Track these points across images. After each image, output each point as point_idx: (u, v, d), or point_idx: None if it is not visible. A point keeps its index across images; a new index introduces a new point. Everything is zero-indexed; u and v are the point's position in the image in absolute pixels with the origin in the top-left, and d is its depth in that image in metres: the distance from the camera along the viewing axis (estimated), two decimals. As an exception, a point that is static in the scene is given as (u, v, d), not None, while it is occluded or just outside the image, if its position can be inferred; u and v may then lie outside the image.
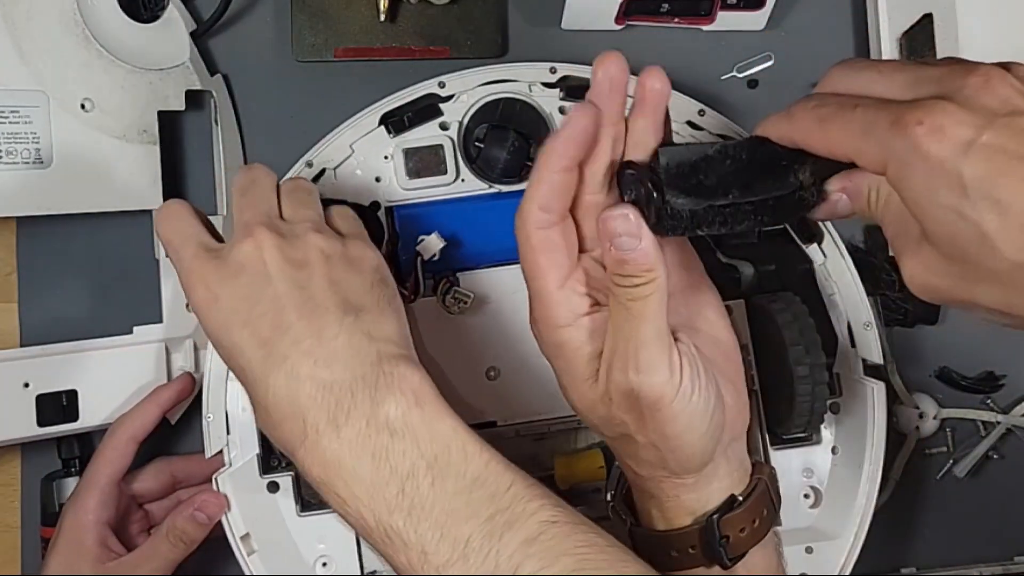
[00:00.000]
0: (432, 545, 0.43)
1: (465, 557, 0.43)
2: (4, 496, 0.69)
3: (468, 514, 0.44)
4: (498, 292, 0.64)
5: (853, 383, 0.66)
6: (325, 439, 0.45)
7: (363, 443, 0.45)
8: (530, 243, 0.47)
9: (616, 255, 0.45)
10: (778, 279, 0.67)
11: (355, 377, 0.46)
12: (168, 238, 0.51)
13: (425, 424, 0.45)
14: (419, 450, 0.45)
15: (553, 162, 0.46)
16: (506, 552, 0.43)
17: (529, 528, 0.43)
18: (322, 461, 0.45)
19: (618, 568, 0.43)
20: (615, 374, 0.47)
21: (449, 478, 0.44)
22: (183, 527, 0.61)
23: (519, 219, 0.47)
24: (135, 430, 0.63)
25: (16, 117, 0.62)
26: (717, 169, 0.45)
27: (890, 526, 0.75)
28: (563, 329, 0.48)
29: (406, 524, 0.44)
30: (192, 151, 0.70)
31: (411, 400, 0.46)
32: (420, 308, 0.63)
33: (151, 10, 0.67)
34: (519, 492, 0.44)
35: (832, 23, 0.76)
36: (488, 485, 0.44)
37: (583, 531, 0.44)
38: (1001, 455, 0.77)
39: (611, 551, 0.44)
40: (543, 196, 0.46)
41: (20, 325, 0.69)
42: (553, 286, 0.47)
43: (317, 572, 0.63)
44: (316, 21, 0.70)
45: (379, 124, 0.64)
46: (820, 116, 0.43)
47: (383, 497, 0.44)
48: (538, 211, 0.46)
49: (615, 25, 0.71)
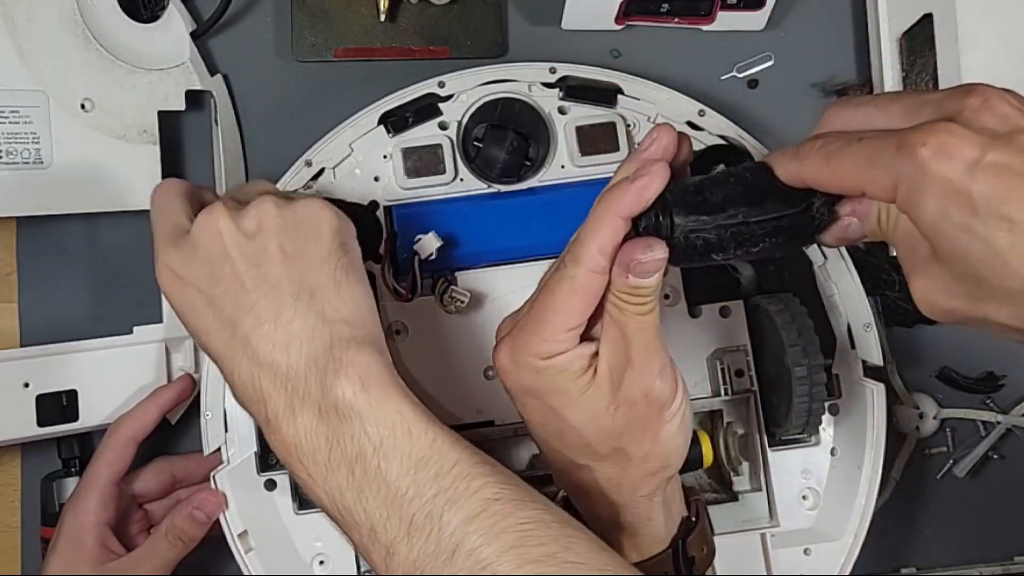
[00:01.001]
0: (380, 524, 0.45)
1: (409, 535, 0.44)
2: (4, 496, 0.69)
3: (413, 494, 0.44)
4: (496, 292, 0.64)
5: (853, 384, 0.66)
6: (284, 424, 0.47)
7: (316, 428, 0.46)
8: (576, 283, 0.47)
9: (634, 282, 0.46)
10: (778, 280, 0.67)
11: (308, 363, 0.47)
12: (151, 218, 0.52)
13: (371, 408, 0.46)
14: (366, 434, 0.46)
15: (622, 209, 0.46)
16: (448, 530, 0.43)
17: (471, 505, 0.44)
18: (282, 444, 0.47)
19: (562, 543, 0.43)
20: (630, 382, 0.48)
21: (395, 460, 0.45)
22: (182, 526, 0.61)
23: (573, 258, 0.47)
24: (135, 430, 0.63)
25: (16, 117, 0.62)
26: (723, 188, 0.46)
27: (890, 526, 0.75)
28: (559, 356, 0.48)
29: (356, 504, 0.45)
30: (192, 151, 0.70)
31: (357, 385, 0.46)
32: (418, 307, 0.63)
33: (151, 10, 0.67)
34: (463, 470, 0.45)
35: (832, 23, 0.76)
36: (432, 464, 0.45)
37: (529, 507, 0.44)
38: (1001, 455, 0.77)
39: (556, 527, 0.44)
40: (605, 241, 0.47)
41: (20, 325, 0.69)
42: (569, 326, 0.48)
43: (314, 570, 0.63)
44: (316, 21, 0.70)
45: (378, 123, 0.64)
46: (827, 154, 0.44)
47: (335, 479, 0.46)
48: (597, 254, 0.47)
49: (615, 25, 0.71)
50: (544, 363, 0.48)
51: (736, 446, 0.67)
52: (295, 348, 0.47)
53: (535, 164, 0.65)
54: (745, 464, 0.68)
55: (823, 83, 0.75)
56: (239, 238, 0.49)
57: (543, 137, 0.65)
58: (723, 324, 0.66)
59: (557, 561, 0.43)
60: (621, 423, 0.49)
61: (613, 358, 0.48)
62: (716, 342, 0.66)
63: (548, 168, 0.65)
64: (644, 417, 0.49)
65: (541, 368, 0.48)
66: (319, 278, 0.49)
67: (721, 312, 0.66)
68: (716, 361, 0.66)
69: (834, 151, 0.44)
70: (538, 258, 0.64)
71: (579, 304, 0.47)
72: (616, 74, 0.66)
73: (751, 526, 0.66)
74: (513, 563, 0.42)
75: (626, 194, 0.46)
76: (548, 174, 0.65)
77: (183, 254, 0.49)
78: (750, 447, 0.67)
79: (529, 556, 0.42)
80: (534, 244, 0.64)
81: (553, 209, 0.64)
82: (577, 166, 0.65)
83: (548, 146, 0.65)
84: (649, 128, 0.65)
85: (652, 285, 0.47)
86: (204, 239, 0.49)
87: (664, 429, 0.50)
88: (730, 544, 0.65)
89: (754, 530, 0.66)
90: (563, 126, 0.65)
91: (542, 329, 0.48)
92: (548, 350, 0.48)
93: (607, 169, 0.65)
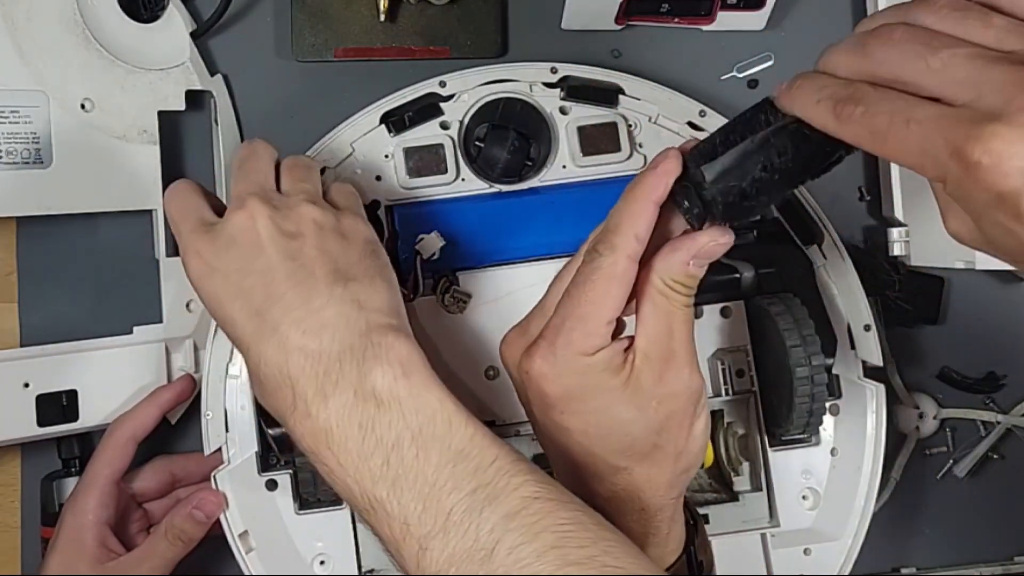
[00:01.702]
0: (414, 517, 0.44)
1: (446, 530, 0.43)
2: (4, 496, 0.69)
3: (451, 487, 0.44)
4: (497, 292, 0.64)
5: (853, 385, 0.66)
6: (314, 409, 0.46)
7: (350, 414, 0.45)
8: (614, 270, 0.47)
9: (694, 271, 0.47)
10: (778, 281, 0.67)
11: (343, 347, 0.46)
12: (171, 215, 0.52)
13: (411, 395, 0.46)
14: (404, 421, 0.45)
15: (651, 192, 0.46)
16: (487, 526, 0.43)
17: (511, 503, 0.43)
18: (311, 431, 0.46)
19: (601, 546, 0.43)
20: (674, 375, 0.48)
21: (433, 450, 0.44)
22: (181, 525, 0.61)
23: (609, 246, 0.47)
24: (134, 430, 0.63)
25: (16, 117, 0.62)
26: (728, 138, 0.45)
27: (890, 526, 0.75)
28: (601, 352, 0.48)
29: (390, 495, 0.44)
30: (192, 151, 0.70)
31: (398, 371, 0.46)
32: (419, 307, 0.63)
33: (151, 10, 0.67)
34: (503, 466, 0.44)
35: (832, 23, 0.76)
36: (472, 458, 0.44)
37: (569, 508, 0.44)
38: (1001, 455, 0.77)
39: (595, 529, 0.44)
40: (641, 226, 0.47)
41: (20, 325, 0.69)
42: (609, 317, 0.47)
43: (315, 570, 0.63)
44: (316, 21, 0.70)
45: (380, 123, 0.64)
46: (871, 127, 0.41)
47: (368, 468, 0.45)
48: (634, 240, 0.46)
49: (615, 25, 0.71)
50: (588, 360, 0.47)
51: (736, 446, 0.67)
52: (328, 333, 0.47)
53: (536, 164, 0.65)
54: (745, 464, 0.68)
55: (823, 83, 0.75)
56: (276, 234, 0.49)
57: (544, 137, 0.65)
58: (724, 324, 0.66)
59: (597, 564, 0.42)
60: (663, 417, 0.49)
61: (653, 351, 0.48)
62: (717, 342, 0.66)
63: (549, 168, 0.65)
64: (682, 411, 0.49)
65: (585, 367, 0.48)
66: (353, 271, 0.49)
67: (722, 312, 0.66)
68: (717, 361, 0.66)
69: (880, 127, 0.40)
70: (540, 258, 0.64)
71: (617, 293, 0.47)
72: (617, 74, 0.66)
73: (751, 526, 0.66)
74: (554, 564, 0.42)
75: (651, 177, 0.47)
76: (549, 174, 0.65)
77: (215, 246, 0.49)
78: (750, 447, 0.67)
79: (570, 558, 0.42)
80: (536, 244, 0.64)
81: (554, 209, 0.64)
82: (578, 166, 0.65)
83: (549, 146, 0.65)
84: (650, 128, 0.66)
85: (702, 275, 0.47)
86: (239, 232, 0.49)
87: (696, 424, 0.50)
88: (730, 544, 0.65)
89: (754, 530, 0.66)
90: (564, 126, 0.65)
91: (584, 324, 0.47)
92: (593, 345, 0.47)
93: (608, 169, 0.65)
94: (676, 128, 0.66)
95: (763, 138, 0.44)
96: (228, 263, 0.49)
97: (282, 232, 0.49)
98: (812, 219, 0.67)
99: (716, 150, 0.45)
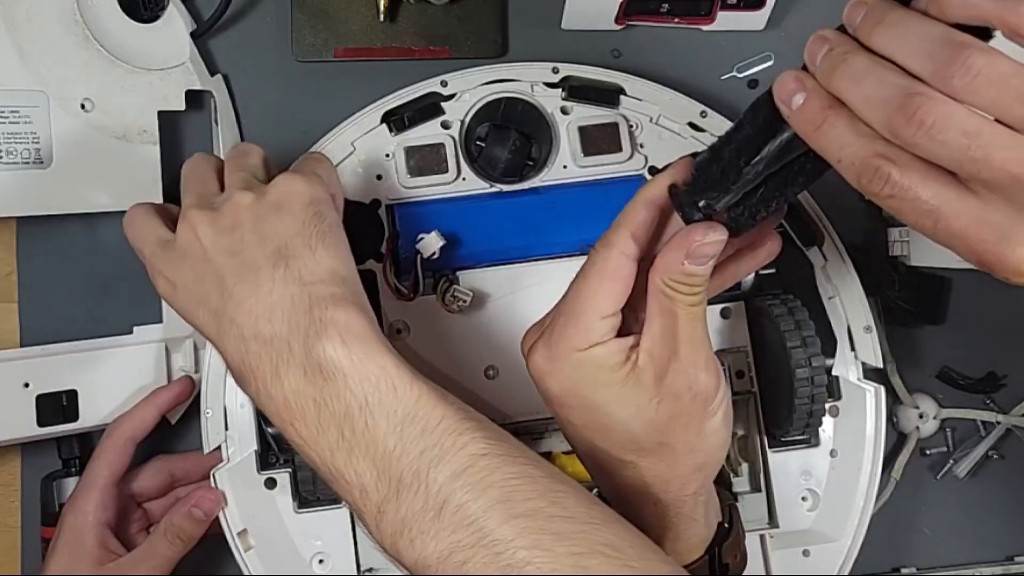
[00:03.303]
0: (371, 484, 0.45)
1: (398, 493, 0.44)
2: (4, 496, 0.69)
3: (400, 451, 0.45)
4: (497, 291, 0.64)
5: (852, 386, 0.66)
6: (273, 390, 0.47)
7: (304, 390, 0.46)
8: (607, 265, 0.47)
9: (690, 269, 0.46)
10: (778, 281, 0.67)
11: (291, 327, 0.47)
12: (132, 242, 0.54)
13: (353, 365, 0.46)
14: (351, 392, 0.46)
15: (646, 191, 0.47)
16: (435, 486, 0.43)
17: (458, 461, 0.44)
18: (274, 412, 0.47)
19: (550, 498, 0.44)
20: (675, 374, 0.48)
21: (381, 417, 0.45)
22: (180, 524, 0.61)
23: (604, 243, 0.48)
24: (133, 431, 0.63)
25: (16, 117, 0.62)
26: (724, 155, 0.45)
27: (890, 526, 0.75)
28: (596, 348, 0.48)
29: (347, 465, 0.45)
30: (192, 151, 0.69)
31: (338, 343, 0.46)
32: (419, 306, 0.63)
33: (151, 10, 0.67)
34: (450, 426, 0.45)
35: (832, 23, 0.75)
36: (419, 420, 0.45)
37: (517, 463, 0.44)
38: (1001, 455, 0.77)
39: (544, 482, 0.44)
40: (636, 224, 0.47)
41: (20, 325, 0.69)
42: (603, 313, 0.48)
43: (314, 569, 0.63)
44: (316, 21, 0.70)
45: (380, 122, 0.64)
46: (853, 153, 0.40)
47: (326, 440, 0.46)
48: (629, 237, 0.47)
49: (615, 25, 0.71)
50: (581, 355, 0.48)
51: (736, 447, 0.67)
52: (277, 316, 0.48)
53: (537, 164, 0.65)
54: (744, 465, 0.68)
55: (823, 83, 0.75)
56: (216, 236, 0.50)
57: (545, 137, 0.65)
58: (724, 325, 0.66)
59: (544, 515, 0.43)
60: (665, 416, 0.49)
61: (657, 349, 0.48)
62: (717, 343, 0.66)
63: (550, 168, 0.65)
64: (689, 410, 0.49)
65: (579, 362, 0.48)
66: (293, 248, 0.49)
67: (722, 313, 0.66)
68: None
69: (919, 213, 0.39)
70: (540, 258, 0.64)
71: (611, 289, 0.47)
72: (618, 75, 0.66)
73: (751, 527, 0.66)
74: (500, 517, 0.42)
75: (653, 180, 0.48)
76: (550, 174, 0.65)
77: (172, 263, 0.51)
78: (750, 448, 0.67)
79: (516, 510, 0.43)
80: (536, 244, 0.64)
81: (555, 209, 0.64)
82: (579, 166, 0.65)
83: (550, 146, 0.65)
84: (651, 129, 0.66)
85: (705, 273, 0.47)
86: (186, 245, 0.51)
87: (708, 423, 0.49)
88: (730, 544, 0.65)
89: (754, 531, 0.66)
90: (565, 126, 0.65)
91: (576, 319, 0.48)
92: (585, 340, 0.48)
93: (609, 169, 0.65)
94: (677, 129, 0.66)
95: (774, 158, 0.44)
96: (184, 276, 0.51)
97: (222, 231, 0.50)
98: (812, 220, 0.67)
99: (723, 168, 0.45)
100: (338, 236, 0.51)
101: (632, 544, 0.44)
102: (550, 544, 0.42)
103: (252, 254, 0.49)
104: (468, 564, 0.42)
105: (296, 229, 0.50)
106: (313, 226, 0.50)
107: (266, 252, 0.49)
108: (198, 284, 0.50)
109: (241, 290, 0.49)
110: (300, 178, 0.52)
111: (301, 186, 0.51)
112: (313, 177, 0.53)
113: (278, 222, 0.50)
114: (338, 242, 0.51)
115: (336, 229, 0.52)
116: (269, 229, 0.50)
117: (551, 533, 0.42)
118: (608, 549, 0.43)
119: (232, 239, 0.50)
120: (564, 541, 0.42)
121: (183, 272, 0.51)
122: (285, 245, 0.49)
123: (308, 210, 0.51)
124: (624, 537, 0.44)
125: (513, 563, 0.42)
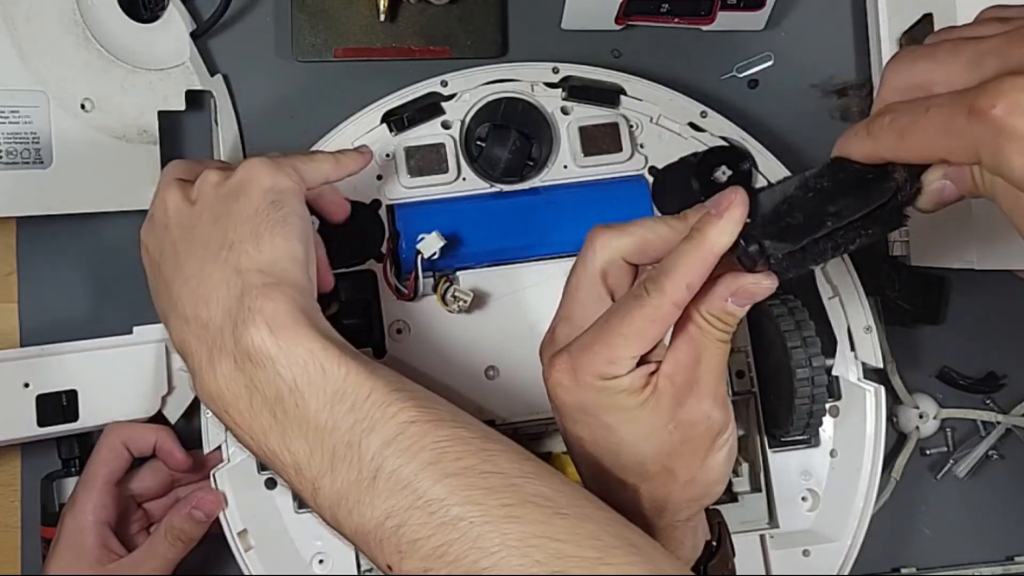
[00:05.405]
0: (304, 461, 0.46)
1: (333, 467, 0.45)
2: (4, 496, 0.69)
3: (331, 427, 0.45)
4: (497, 292, 0.64)
5: (852, 386, 0.66)
6: (207, 376, 0.48)
7: (235, 377, 0.47)
8: (658, 312, 0.46)
9: (731, 308, 0.47)
10: (778, 281, 0.67)
11: (224, 315, 0.48)
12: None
13: (281, 351, 0.47)
14: (280, 377, 0.47)
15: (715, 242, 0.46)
16: (367, 456, 0.44)
17: (388, 430, 0.45)
18: (208, 396, 0.48)
19: (480, 456, 0.44)
20: (693, 404, 0.48)
21: (311, 397, 0.46)
22: (180, 525, 0.61)
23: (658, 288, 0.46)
24: (129, 434, 0.63)
25: (16, 117, 0.62)
26: (802, 206, 0.45)
27: (890, 526, 0.75)
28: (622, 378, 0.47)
29: (280, 446, 0.47)
30: (192, 151, 0.70)
31: (265, 331, 0.47)
32: (419, 306, 0.63)
33: (151, 10, 0.67)
34: (378, 398, 0.46)
35: (832, 23, 0.76)
36: (348, 396, 0.46)
37: (448, 427, 0.45)
38: (1001, 455, 0.77)
39: (476, 442, 0.45)
40: (694, 277, 0.46)
41: (20, 325, 0.69)
42: (638, 353, 0.47)
43: (314, 569, 0.63)
44: (316, 21, 0.70)
45: (381, 122, 0.64)
46: (899, 129, 0.42)
47: (259, 423, 0.47)
48: (685, 289, 0.46)
49: (615, 25, 0.71)
50: (607, 383, 0.47)
51: (736, 447, 0.67)
52: (213, 302, 0.49)
53: (538, 164, 0.65)
54: (745, 465, 0.68)
55: (823, 83, 0.75)
56: (181, 206, 0.52)
57: (546, 137, 0.65)
58: (724, 325, 0.66)
59: (476, 472, 0.43)
60: (677, 441, 0.49)
61: (678, 377, 0.48)
62: (717, 342, 0.66)
63: (551, 168, 0.65)
64: (698, 440, 0.49)
65: (603, 387, 0.47)
66: (240, 233, 0.50)
67: (722, 313, 0.66)
68: (717, 362, 0.66)
69: (906, 125, 0.42)
70: (540, 258, 0.64)
71: (654, 334, 0.47)
72: (619, 75, 0.66)
73: (750, 527, 0.66)
74: (432, 478, 0.43)
75: (717, 225, 0.45)
76: (551, 174, 0.65)
77: (147, 227, 0.54)
78: (750, 448, 0.67)
79: (447, 470, 0.43)
80: (536, 244, 0.64)
81: (555, 209, 0.64)
82: (580, 166, 0.65)
83: (551, 146, 0.65)
84: (651, 129, 0.66)
85: (743, 314, 0.47)
86: (156, 211, 0.53)
87: (713, 456, 0.50)
88: (730, 545, 0.65)
89: (753, 531, 0.66)
90: (566, 126, 0.65)
91: (609, 351, 0.47)
92: (612, 372, 0.47)
93: (610, 169, 0.65)
94: (677, 129, 0.66)
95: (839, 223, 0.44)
96: (151, 242, 0.53)
97: (185, 201, 0.52)
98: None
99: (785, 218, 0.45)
100: (290, 226, 0.51)
101: (564, 492, 0.44)
102: (481, 498, 0.43)
103: (204, 232, 0.51)
104: (404, 527, 0.43)
105: (248, 215, 0.51)
106: (265, 214, 0.51)
107: (216, 233, 0.50)
108: (158, 251, 0.52)
109: (188, 266, 0.50)
110: (266, 165, 0.52)
111: (263, 172, 0.52)
112: (282, 165, 0.53)
113: (235, 204, 0.51)
114: (288, 231, 0.51)
115: (292, 219, 0.51)
116: (223, 210, 0.51)
117: (482, 488, 0.43)
118: (540, 499, 0.43)
119: (192, 213, 0.52)
120: (496, 494, 0.43)
121: (151, 238, 0.53)
122: (234, 229, 0.50)
123: (265, 197, 0.51)
124: (556, 487, 0.44)
125: (447, 520, 0.42)
